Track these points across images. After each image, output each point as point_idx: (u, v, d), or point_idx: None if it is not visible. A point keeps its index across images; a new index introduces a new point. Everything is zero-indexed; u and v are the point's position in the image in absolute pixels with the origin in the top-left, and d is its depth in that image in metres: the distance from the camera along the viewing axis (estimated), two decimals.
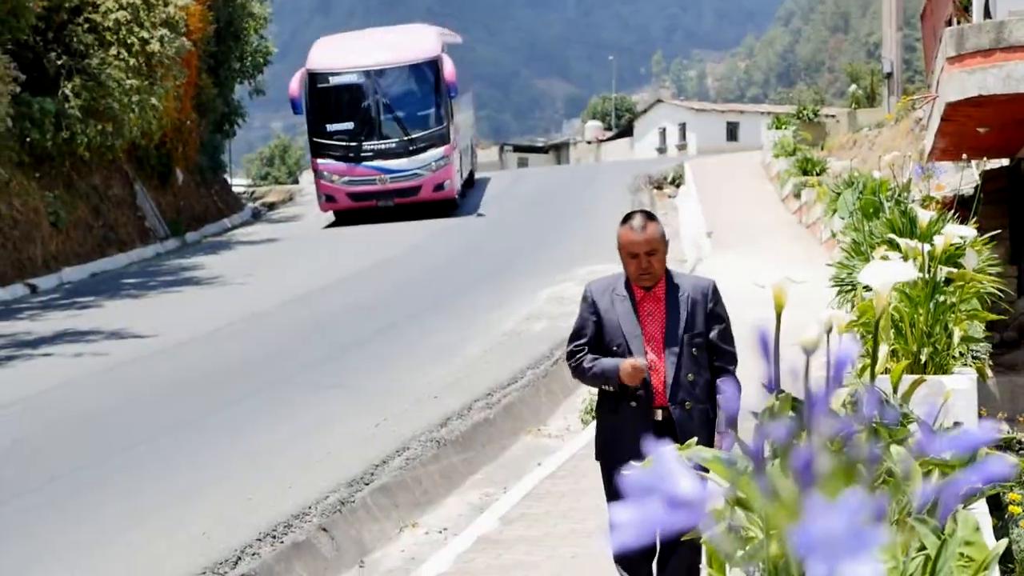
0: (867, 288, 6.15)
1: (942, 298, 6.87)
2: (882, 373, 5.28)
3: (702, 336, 6.01)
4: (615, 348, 6.06)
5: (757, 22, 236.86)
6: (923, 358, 6.79)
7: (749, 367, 3.95)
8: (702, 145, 63.94)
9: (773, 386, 3.60)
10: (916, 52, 60.49)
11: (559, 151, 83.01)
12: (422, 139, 29.93)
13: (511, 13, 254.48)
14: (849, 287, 10.16)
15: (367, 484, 9.68)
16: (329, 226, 30.10)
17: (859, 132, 32.29)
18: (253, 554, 8.21)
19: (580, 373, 6.15)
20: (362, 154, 29.74)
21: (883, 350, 5.61)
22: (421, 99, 30.30)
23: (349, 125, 29.81)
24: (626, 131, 78.14)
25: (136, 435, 11.43)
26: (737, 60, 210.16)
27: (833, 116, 41.30)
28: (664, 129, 72.32)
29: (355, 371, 13.74)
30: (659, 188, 34.69)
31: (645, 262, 5.98)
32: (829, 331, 3.37)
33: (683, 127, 70.95)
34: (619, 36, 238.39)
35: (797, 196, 25.19)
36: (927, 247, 6.49)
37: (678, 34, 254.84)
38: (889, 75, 33.98)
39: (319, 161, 30.04)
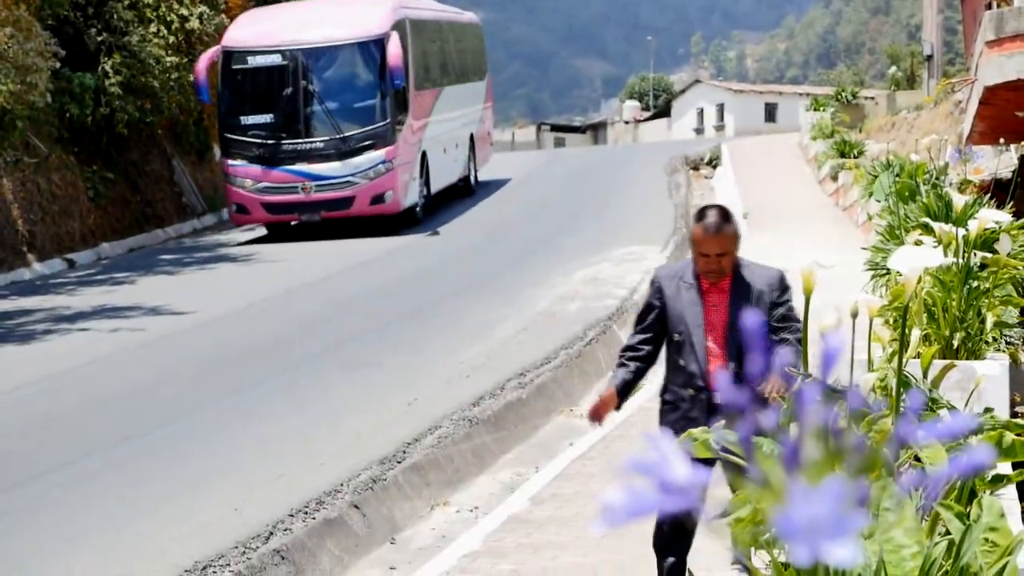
0: (900, 272, 6.14)
1: (975, 283, 6.85)
2: (913, 358, 5.28)
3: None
4: (677, 336, 6.14)
5: (797, 3, 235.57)
6: (955, 343, 6.77)
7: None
8: (740, 126, 63.75)
9: (802, 370, 3.61)
10: (957, 35, 60.08)
11: (596, 131, 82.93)
12: (358, 138, 23.94)
13: None
14: (884, 271, 10.13)
15: (399, 462, 9.72)
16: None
17: (898, 115, 32.13)
18: (285, 530, 8.26)
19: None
20: (282, 155, 23.97)
21: (915, 335, 5.61)
22: (359, 88, 24.40)
23: (267, 118, 24.02)
24: (664, 111, 77.98)
25: (169, 411, 11.51)
26: (777, 41, 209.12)
27: (872, 98, 41.06)
28: (702, 110, 72.13)
29: (388, 350, 13.79)
30: (696, 169, 34.64)
31: (715, 263, 6.00)
32: (855, 316, 3.38)
33: (721, 108, 70.76)
34: (658, 16, 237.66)
35: (834, 178, 25.09)
36: (961, 231, 6.48)
37: (717, 15, 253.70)
38: (929, 57, 33.77)
39: (229, 163, 24.41)
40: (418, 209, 25.46)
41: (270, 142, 23.99)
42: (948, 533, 3.13)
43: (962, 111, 20.33)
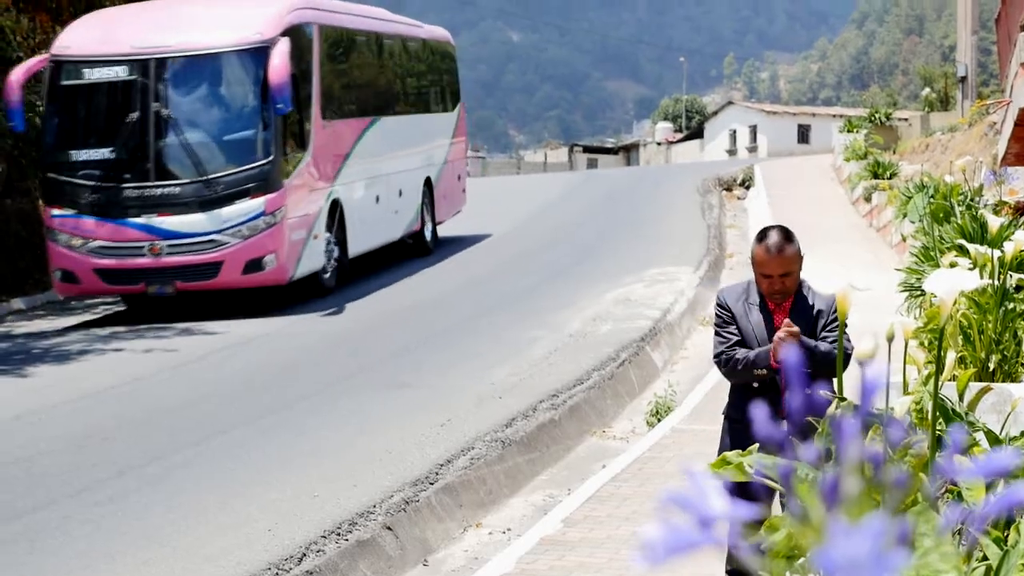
0: (936, 294, 6.12)
1: (1011, 305, 6.81)
2: (949, 380, 5.25)
3: None
4: None
5: (830, 24, 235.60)
6: (991, 365, 6.73)
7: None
8: (773, 147, 63.71)
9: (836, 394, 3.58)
10: (991, 55, 59.91)
11: (629, 152, 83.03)
12: (228, 182, 17.85)
13: (583, 14, 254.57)
14: (918, 292, 10.09)
15: (432, 483, 9.72)
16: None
17: (932, 136, 32.02)
18: (318, 551, 8.27)
19: (731, 366, 6.08)
20: (123, 203, 17.88)
21: (950, 357, 5.58)
22: (231, 113, 18.33)
23: (105, 152, 18.04)
24: (696, 133, 78.05)
25: (202, 431, 11.54)
26: (809, 62, 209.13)
27: (906, 119, 40.95)
28: (735, 131, 72.13)
29: (420, 370, 13.80)
30: (728, 190, 34.63)
31: (779, 283, 5.97)
32: (891, 340, 3.36)
33: (754, 129, 70.71)
34: (690, 37, 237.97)
35: (868, 199, 25.03)
36: (997, 253, 6.44)
37: (750, 36, 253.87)
38: (963, 79, 33.66)
39: (52, 213, 18.23)
40: (326, 276, 19.60)
41: (108, 185, 17.95)
42: (986, 558, 3.11)
43: (997, 132, 20.25)
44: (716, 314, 6.23)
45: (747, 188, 34.67)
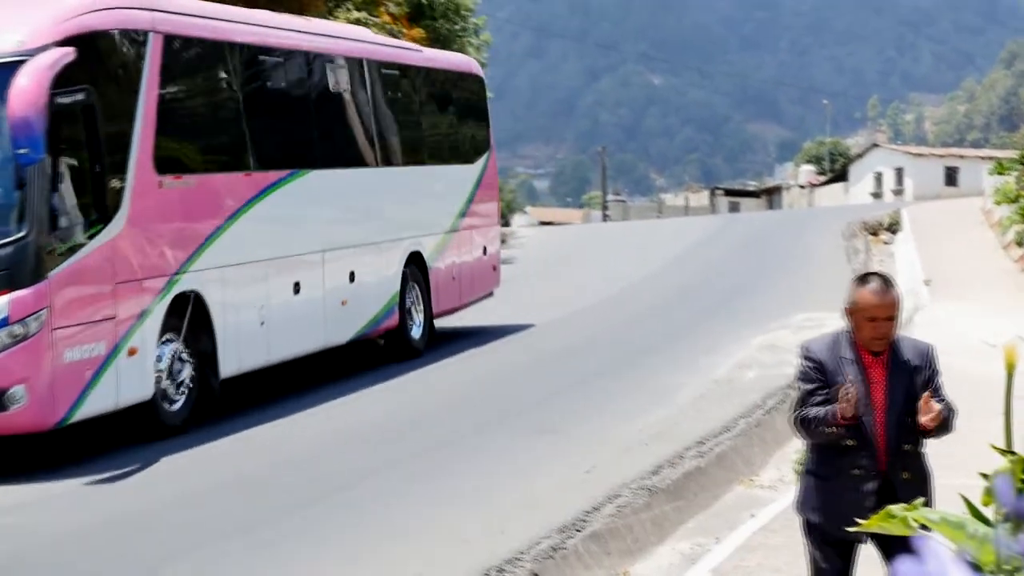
0: None
1: None
2: None
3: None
4: None
5: (977, 64, 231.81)
6: None
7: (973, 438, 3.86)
8: (919, 191, 62.79)
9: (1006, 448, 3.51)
10: None
11: (771, 195, 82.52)
12: None
13: (723, 56, 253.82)
14: None
15: (579, 531, 9.68)
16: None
17: None
18: None
19: (805, 425, 5.88)
20: None
21: None
22: None
23: None
24: (840, 176, 77.29)
25: (351, 475, 11.65)
26: (956, 103, 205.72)
27: None
28: (880, 174, 71.27)
29: (565, 416, 13.78)
30: (874, 234, 34.19)
31: (884, 328, 5.79)
32: None
33: (899, 172, 69.81)
34: (833, 79, 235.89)
35: (1020, 244, 24.51)
36: None
37: (894, 77, 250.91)
38: None
39: None
40: (172, 408, 13.36)
41: None
42: None
43: None
44: (801, 368, 5.94)
45: (893, 232, 34.20)
